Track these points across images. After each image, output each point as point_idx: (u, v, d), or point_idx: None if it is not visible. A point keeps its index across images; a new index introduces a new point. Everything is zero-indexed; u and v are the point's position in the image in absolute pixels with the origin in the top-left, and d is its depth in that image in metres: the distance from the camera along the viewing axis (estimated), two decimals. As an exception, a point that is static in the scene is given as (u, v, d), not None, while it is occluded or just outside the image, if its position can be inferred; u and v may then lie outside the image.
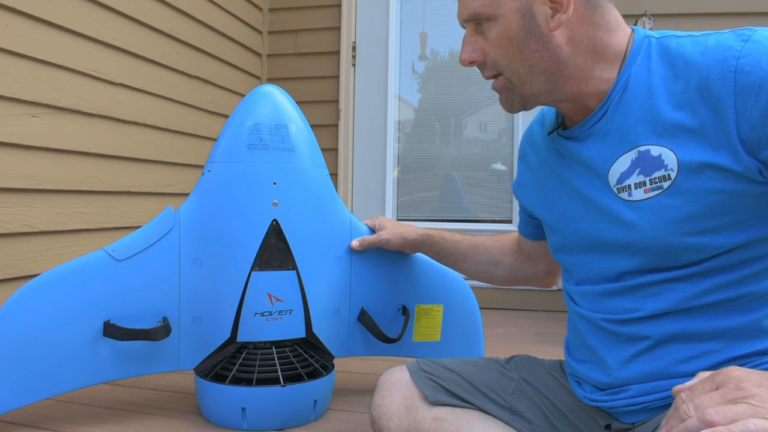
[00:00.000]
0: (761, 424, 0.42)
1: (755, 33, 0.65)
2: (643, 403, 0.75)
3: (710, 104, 0.66)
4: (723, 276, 0.70)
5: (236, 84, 2.60)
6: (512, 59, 0.76)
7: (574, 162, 0.81)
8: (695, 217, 0.68)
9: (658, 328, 0.73)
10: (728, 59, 0.65)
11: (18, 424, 1.19)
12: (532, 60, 0.75)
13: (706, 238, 0.68)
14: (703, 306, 0.71)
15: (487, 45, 0.77)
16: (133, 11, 1.91)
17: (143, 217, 1.97)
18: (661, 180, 0.69)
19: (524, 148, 0.98)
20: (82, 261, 1.16)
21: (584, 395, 0.83)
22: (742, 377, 0.48)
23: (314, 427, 1.23)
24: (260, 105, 1.23)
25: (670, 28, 0.77)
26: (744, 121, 0.64)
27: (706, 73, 0.66)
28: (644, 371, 0.74)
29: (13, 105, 1.50)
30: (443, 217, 2.76)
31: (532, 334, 2.06)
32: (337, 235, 1.31)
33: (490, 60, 0.78)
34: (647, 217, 0.71)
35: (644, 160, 0.71)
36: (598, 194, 0.77)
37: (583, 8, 0.74)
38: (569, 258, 0.85)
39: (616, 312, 0.77)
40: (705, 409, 0.45)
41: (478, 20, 0.77)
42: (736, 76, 0.64)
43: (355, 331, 1.37)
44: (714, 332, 0.71)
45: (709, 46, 0.68)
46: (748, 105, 0.63)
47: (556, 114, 0.88)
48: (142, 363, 1.21)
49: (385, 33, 2.78)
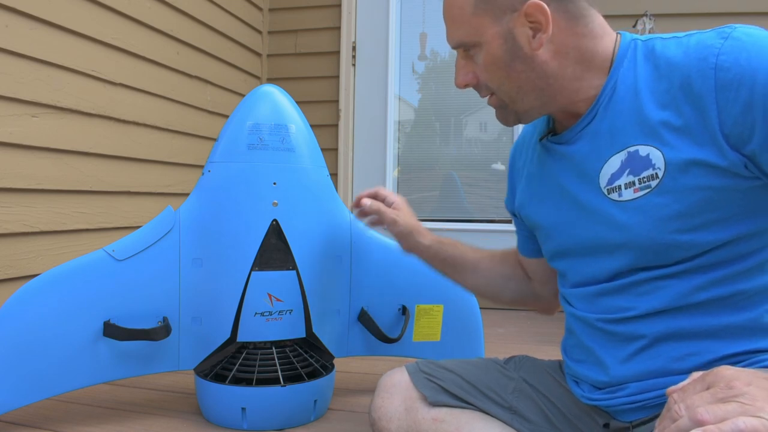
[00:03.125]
0: (750, 421, 0.43)
1: (735, 30, 0.67)
2: (641, 401, 0.75)
3: (693, 102, 0.67)
4: (714, 272, 0.70)
5: (236, 84, 2.60)
6: (501, 82, 0.78)
7: (565, 166, 0.81)
8: (684, 215, 0.69)
9: (653, 327, 0.74)
10: (708, 57, 0.66)
11: (18, 424, 1.19)
12: (519, 81, 0.77)
13: (695, 235, 0.69)
14: (696, 303, 0.71)
15: (477, 69, 0.80)
16: (133, 11, 1.91)
17: (143, 217, 1.97)
18: (650, 179, 0.70)
19: (515, 161, 0.98)
20: (82, 261, 1.16)
21: (582, 394, 0.83)
22: (732, 376, 0.48)
23: (314, 427, 1.23)
24: (260, 105, 1.23)
25: (670, 28, 0.78)
26: (726, 117, 0.65)
27: (688, 72, 0.68)
28: (641, 369, 0.75)
29: (13, 105, 1.50)
30: (443, 217, 2.76)
31: (531, 334, 2.06)
32: (337, 235, 1.31)
33: (482, 82, 0.81)
34: (637, 217, 0.72)
35: (633, 160, 0.72)
36: (588, 196, 0.77)
37: (565, 22, 0.75)
38: (565, 262, 0.85)
39: (610, 311, 0.77)
40: (696, 409, 0.46)
41: (465, 47, 0.79)
42: (716, 72, 0.65)
43: (355, 331, 1.37)
44: (709, 330, 0.71)
45: (691, 46, 0.69)
46: (729, 101, 0.64)
47: (547, 120, 0.88)
48: (142, 363, 1.21)
49: (385, 33, 2.78)
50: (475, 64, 0.80)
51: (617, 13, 2.39)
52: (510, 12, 0.74)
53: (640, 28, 2.23)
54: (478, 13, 0.76)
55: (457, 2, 0.78)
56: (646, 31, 2.21)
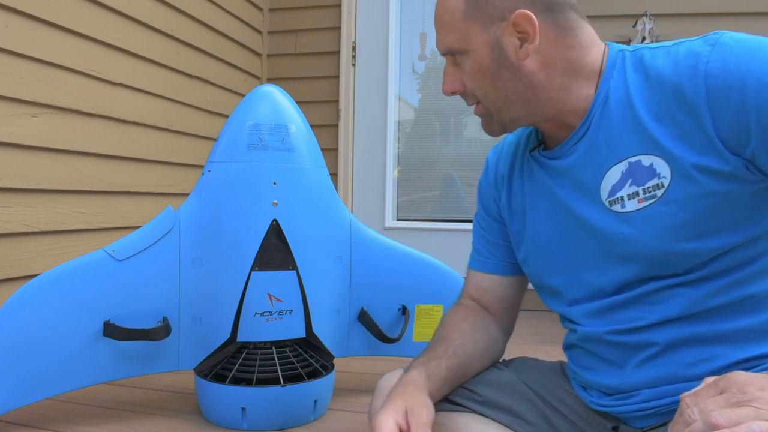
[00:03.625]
0: (765, 425, 0.43)
1: (722, 36, 0.67)
2: (654, 408, 0.74)
3: (687, 111, 0.67)
4: (725, 278, 0.70)
5: (236, 84, 2.60)
6: (487, 90, 0.78)
7: (561, 180, 0.81)
8: (691, 223, 0.68)
9: (665, 334, 0.73)
10: (698, 65, 0.67)
11: (18, 424, 1.19)
12: (506, 90, 0.77)
13: (703, 242, 0.69)
14: (708, 310, 0.71)
15: (464, 76, 0.79)
16: (133, 11, 1.91)
17: (143, 217, 1.97)
18: (655, 188, 0.70)
19: (497, 167, 0.95)
20: (82, 261, 1.16)
21: (591, 400, 0.82)
22: (746, 381, 0.48)
23: (314, 427, 1.23)
24: (260, 105, 1.23)
25: (670, 28, 0.78)
26: (720, 123, 0.65)
27: (679, 81, 0.68)
28: (653, 376, 0.74)
29: (13, 105, 1.50)
30: (443, 217, 2.76)
31: (532, 334, 2.06)
32: (337, 235, 1.31)
33: (469, 90, 0.80)
34: (643, 228, 0.71)
35: (636, 170, 0.71)
36: (588, 210, 0.77)
37: (554, 33, 0.74)
38: (561, 279, 0.84)
39: (621, 323, 0.76)
40: (710, 413, 0.46)
41: (453, 53, 0.79)
42: (707, 80, 0.66)
43: (355, 331, 1.37)
44: (721, 335, 0.71)
45: (680, 55, 0.69)
46: (721, 106, 0.65)
47: (535, 132, 0.88)
48: (142, 363, 1.21)
49: (385, 33, 2.78)
50: (462, 72, 0.79)
51: (617, 13, 2.39)
52: (499, 21, 0.74)
53: (640, 28, 2.23)
54: (468, 19, 0.76)
55: (448, 8, 0.77)
56: (646, 31, 2.21)
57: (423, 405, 0.75)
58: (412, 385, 0.79)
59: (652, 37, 2.21)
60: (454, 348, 0.86)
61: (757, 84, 0.63)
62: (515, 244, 0.91)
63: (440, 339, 0.88)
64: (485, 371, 0.93)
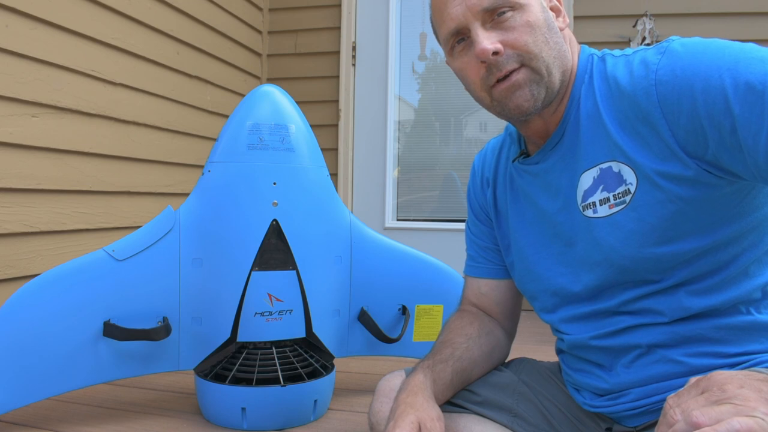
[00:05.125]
0: (745, 421, 0.44)
1: (672, 43, 0.68)
2: (644, 406, 0.75)
3: (644, 120, 0.68)
4: (700, 283, 0.71)
5: (236, 84, 2.60)
6: (542, 47, 0.73)
7: (538, 185, 0.82)
8: (658, 228, 0.69)
9: (647, 337, 0.74)
10: (648, 74, 0.68)
11: (18, 424, 1.19)
12: (556, 50, 0.74)
13: (672, 246, 0.69)
14: (687, 317, 0.72)
15: (509, 36, 0.72)
16: (133, 11, 1.91)
17: (143, 217, 1.97)
18: (624, 195, 0.71)
19: (482, 170, 0.95)
20: (82, 261, 1.16)
21: (584, 401, 0.83)
22: (725, 380, 0.50)
23: (314, 427, 1.23)
24: (260, 105, 1.23)
25: (670, 28, 0.79)
26: (676, 128, 0.66)
27: (634, 92, 0.69)
28: (642, 375, 0.75)
29: (13, 105, 1.50)
30: (443, 217, 2.76)
31: (532, 334, 2.06)
32: (337, 235, 1.31)
33: (511, 51, 0.73)
34: (614, 233, 0.72)
35: (607, 176, 0.72)
36: (563, 215, 0.78)
37: (563, 21, 0.77)
38: (536, 285, 0.85)
39: (602, 327, 0.78)
40: (691, 412, 0.47)
41: (501, 10, 0.73)
42: (657, 88, 0.66)
43: (355, 331, 1.37)
44: (705, 335, 0.72)
45: (635, 65, 0.70)
46: (674, 113, 0.65)
47: (518, 139, 0.88)
48: (142, 363, 1.21)
49: (385, 33, 2.78)
50: (504, 33, 0.73)
51: (617, 13, 2.39)
52: None
53: (640, 28, 2.24)
54: None
55: None
56: (646, 31, 2.21)
57: (435, 418, 0.76)
58: (421, 393, 0.79)
59: (652, 37, 2.21)
60: (460, 352, 0.87)
61: (704, 86, 0.63)
62: (503, 248, 0.92)
63: (446, 342, 0.89)
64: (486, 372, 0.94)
